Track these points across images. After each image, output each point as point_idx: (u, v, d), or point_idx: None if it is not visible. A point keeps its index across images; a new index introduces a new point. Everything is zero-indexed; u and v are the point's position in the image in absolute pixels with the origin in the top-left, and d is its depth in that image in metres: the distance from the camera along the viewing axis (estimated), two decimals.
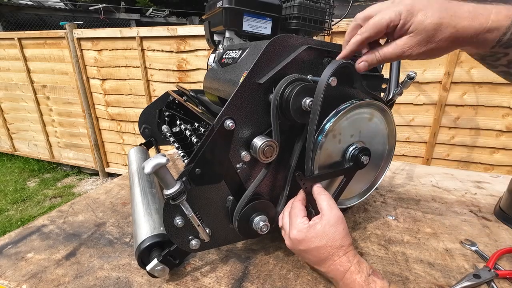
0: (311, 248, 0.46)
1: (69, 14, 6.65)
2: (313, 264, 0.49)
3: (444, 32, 0.38)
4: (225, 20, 0.67)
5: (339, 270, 0.45)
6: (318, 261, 0.47)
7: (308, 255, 0.48)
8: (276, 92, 0.47)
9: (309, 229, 0.47)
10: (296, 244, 0.48)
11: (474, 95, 1.77)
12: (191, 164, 0.47)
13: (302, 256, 0.50)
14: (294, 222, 0.49)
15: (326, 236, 0.46)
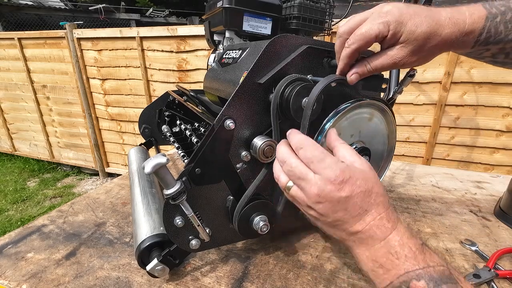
0: (356, 193, 0.34)
1: (69, 14, 6.65)
2: (347, 219, 0.35)
3: (433, 40, 0.39)
4: (225, 20, 0.67)
5: (385, 226, 0.34)
6: (359, 214, 0.35)
7: (347, 205, 0.35)
8: (276, 92, 0.47)
9: (351, 167, 0.36)
10: (337, 190, 0.34)
11: (474, 95, 1.77)
12: (191, 164, 0.47)
13: (333, 209, 0.35)
14: (323, 159, 0.36)
15: (370, 178, 0.36)
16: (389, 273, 0.32)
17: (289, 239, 0.65)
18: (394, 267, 0.32)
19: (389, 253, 0.33)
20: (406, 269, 0.31)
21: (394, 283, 0.32)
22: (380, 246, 0.34)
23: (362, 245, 0.35)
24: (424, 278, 0.30)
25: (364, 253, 0.35)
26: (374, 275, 0.34)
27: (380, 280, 0.33)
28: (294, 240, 0.65)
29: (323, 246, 0.63)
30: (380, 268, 0.33)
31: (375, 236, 0.34)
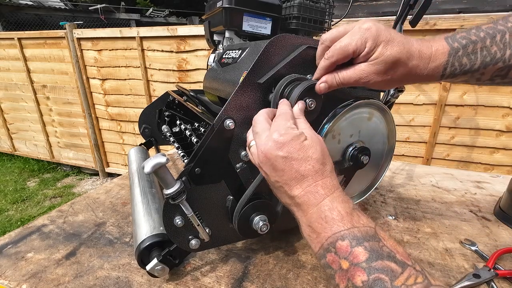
0: (294, 157, 0.37)
1: (69, 14, 6.65)
2: (286, 181, 0.38)
3: (399, 67, 0.41)
4: (225, 20, 0.67)
5: (318, 193, 0.36)
6: (295, 178, 0.37)
7: (286, 166, 0.37)
8: (276, 92, 0.47)
9: (300, 134, 0.39)
10: (277, 148, 0.38)
11: (474, 95, 1.77)
12: (191, 163, 0.47)
13: (273, 167, 0.38)
14: (280, 124, 0.39)
15: (312, 147, 0.38)
16: (320, 237, 0.34)
17: (289, 239, 0.65)
18: (323, 231, 0.34)
19: (320, 218, 0.35)
20: (333, 231, 0.33)
21: (324, 245, 0.34)
22: (313, 212, 0.36)
23: (300, 210, 0.38)
24: (348, 238, 0.32)
25: (302, 219, 0.37)
26: (310, 240, 0.36)
27: (314, 244, 0.35)
28: (294, 240, 0.65)
29: None
30: (314, 233, 0.35)
31: (309, 202, 0.36)
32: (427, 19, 1.70)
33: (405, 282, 0.29)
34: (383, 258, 0.30)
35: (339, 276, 0.32)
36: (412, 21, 0.68)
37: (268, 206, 0.53)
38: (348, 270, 0.31)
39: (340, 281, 0.32)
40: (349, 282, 0.31)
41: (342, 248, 0.32)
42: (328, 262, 0.33)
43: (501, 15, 0.41)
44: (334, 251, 0.33)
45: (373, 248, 0.31)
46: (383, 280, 0.29)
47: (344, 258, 0.32)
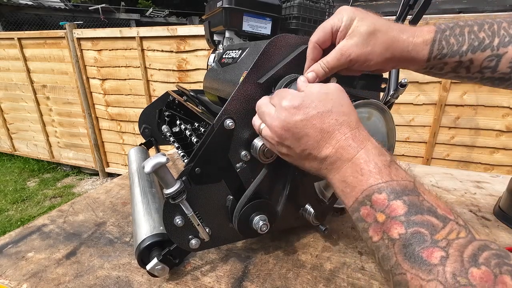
0: (311, 115, 0.35)
1: (69, 14, 6.65)
2: (313, 145, 0.36)
3: (378, 37, 0.41)
4: (225, 20, 0.67)
5: (351, 146, 0.34)
6: (321, 137, 0.35)
7: (308, 129, 0.36)
8: None
9: (306, 94, 0.37)
10: (291, 114, 0.36)
11: (474, 95, 1.77)
12: (191, 163, 0.47)
13: (295, 136, 0.37)
14: (284, 94, 0.39)
15: (330, 99, 0.36)
16: (355, 190, 0.33)
17: (289, 239, 0.65)
18: (358, 184, 0.33)
19: (355, 171, 0.33)
20: (369, 183, 0.32)
21: (358, 198, 0.33)
22: (347, 166, 0.34)
23: (333, 169, 0.36)
24: (385, 191, 0.31)
25: (335, 176, 0.36)
26: (343, 195, 0.35)
27: (348, 199, 0.34)
28: (294, 240, 0.65)
29: (322, 246, 0.63)
30: (348, 187, 0.34)
31: (342, 158, 0.35)
32: (427, 19, 1.70)
33: (446, 237, 0.27)
34: (423, 213, 0.29)
35: (373, 229, 0.31)
36: (412, 21, 0.68)
37: (268, 206, 0.53)
38: (384, 223, 0.30)
39: (374, 234, 0.31)
40: (384, 234, 0.30)
41: (379, 201, 0.31)
42: (362, 215, 0.32)
43: (501, 15, 0.41)
44: (369, 204, 0.31)
45: (412, 202, 0.30)
46: (422, 233, 0.27)
47: (380, 211, 0.30)
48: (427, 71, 0.46)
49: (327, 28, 0.43)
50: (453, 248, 0.26)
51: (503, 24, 0.40)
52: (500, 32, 0.39)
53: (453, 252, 0.26)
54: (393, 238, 0.29)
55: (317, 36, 0.44)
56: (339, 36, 0.43)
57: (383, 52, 0.42)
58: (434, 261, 0.26)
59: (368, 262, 0.58)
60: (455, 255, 0.25)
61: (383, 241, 0.30)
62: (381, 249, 0.30)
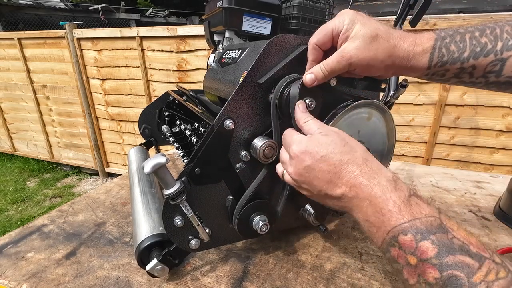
0: (318, 158, 0.37)
1: (69, 14, 6.65)
2: (326, 186, 0.37)
3: (380, 43, 0.41)
4: (225, 20, 0.67)
5: (363, 184, 0.34)
6: (330, 178, 0.36)
7: (316, 172, 0.37)
8: (276, 92, 0.47)
9: (310, 138, 0.39)
10: (300, 162, 0.38)
11: (474, 95, 1.77)
12: (191, 163, 0.47)
13: (307, 181, 0.39)
14: (290, 140, 0.42)
15: (331, 141, 0.38)
16: (380, 231, 0.32)
17: (289, 239, 0.65)
18: (382, 224, 0.32)
19: (375, 211, 0.33)
20: (392, 225, 0.31)
21: (386, 239, 0.32)
22: (366, 205, 0.34)
23: (354, 208, 0.36)
24: (410, 232, 0.30)
25: (359, 216, 0.35)
26: (371, 235, 0.34)
27: (376, 239, 0.33)
28: (294, 240, 0.65)
29: (322, 246, 0.63)
30: (373, 227, 0.33)
31: (358, 196, 0.35)
32: (427, 19, 1.70)
33: (484, 279, 0.25)
34: (455, 252, 0.27)
35: (408, 272, 0.30)
36: (412, 21, 0.68)
37: (268, 206, 0.53)
38: (417, 266, 0.28)
39: (410, 277, 0.29)
40: (420, 278, 0.28)
41: (406, 243, 0.29)
42: (393, 256, 0.31)
43: (501, 15, 0.41)
44: (398, 246, 0.30)
45: (441, 242, 0.28)
46: (458, 277, 0.26)
47: (410, 253, 0.29)
48: (428, 77, 0.45)
49: (327, 30, 0.42)
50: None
51: (506, 28, 0.39)
52: (503, 35, 0.38)
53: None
54: (430, 283, 0.27)
55: (316, 38, 0.44)
56: (341, 39, 0.42)
57: (385, 59, 0.42)
58: None
59: (368, 263, 0.58)
60: None
61: (420, 285, 0.28)
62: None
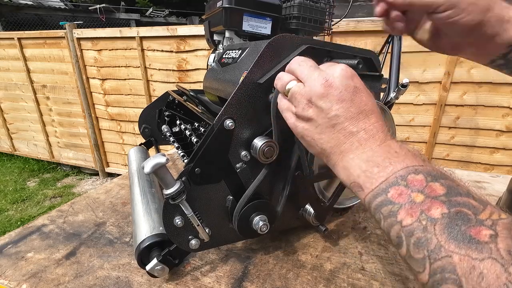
0: (363, 90, 0.35)
1: (69, 14, 6.65)
2: (352, 114, 0.34)
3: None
4: (225, 20, 0.67)
5: (385, 131, 0.34)
6: (363, 111, 0.34)
7: (355, 97, 0.34)
8: (276, 92, 0.47)
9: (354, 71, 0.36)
10: (345, 76, 0.35)
11: (474, 95, 1.77)
12: (191, 163, 0.47)
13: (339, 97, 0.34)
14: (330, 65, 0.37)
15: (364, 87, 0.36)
16: (385, 171, 0.31)
17: (289, 239, 0.65)
18: (392, 164, 0.31)
19: (388, 152, 0.32)
20: (405, 164, 0.30)
21: (389, 179, 0.30)
22: (380, 147, 0.33)
23: (360, 147, 0.33)
24: (422, 173, 0.29)
25: (360, 156, 0.33)
26: (365, 177, 0.32)
27: (372, 180, 0.31)
28: (294, 240, 0.65)
29: (323, 246, 0.63)
30: (376, 167, 0.32)
31: (376, 136, 0.33)
32: None
33: (490, 217, 0.25)
34: (462, 195, 0.27)
35: (406, 211, 0.28)
36: None
37: (268, 206, 0.53)
38: (423, 203, 0.28)
39: (407, 216, 0.28)
40: (422, 215, 0.27)
41: (416, 181, 0.29)
42: (390, 197, 0.30)
43: None
44: (404, 184, 0.29)
45: (450, 186, 0.28)
46: (466, 213, 0.26)
47: (417, 191, 0.28)
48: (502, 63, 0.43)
49: None
50: (500, 227, 0.24)
51: None
52: None
53: (501, 230, 0.24)
54: (434, 218, 0.26)
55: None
56: None
57: (482, 11, 0.38)
58: (484, 239, 0.24)
59: (368, 263, 0.58)
60: (504, 233, 0.24)
61: (419, 222, 0.27)
62: (416, 233, 0.27)
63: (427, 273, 0.26)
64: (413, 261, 0.27)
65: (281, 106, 0.41)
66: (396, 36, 0.68)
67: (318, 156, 0.38)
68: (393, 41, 0.69)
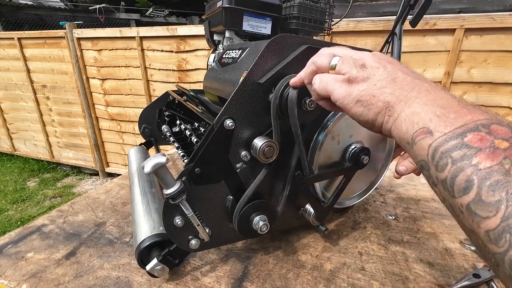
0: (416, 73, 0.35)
1: (69, 14, 6.65)
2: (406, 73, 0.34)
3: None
4: (225, 20, 0.67)
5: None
6: (416, 77, 0.34)
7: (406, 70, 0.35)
8: (276, 92, 0.47)
9: None
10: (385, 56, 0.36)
11: (474, 95, 1.77)
12: (191, 163, 0.47)
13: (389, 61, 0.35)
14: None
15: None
16: (464, 118, 0.28)
17: (289, 239, 0.65)
18: (472, 113, 0.28)
19: (464, 104, 0.30)
20: (487, 116, 0.28)
21: (468, 124, 0.28)
22: (452, 98, 0.31)
23: (429, 94, 0.31)
24: (506, 126, 0.27)
25: (433, 102, 0.31)
26: (438, 120, 0.29)
27: (447, 123, 0.29)
28: (294, 240, 0.65)
29: (323, 246, 0.63)
30: (453, 113, 0.29)
31: (443, 90, 0.32)
32: (427, 19, 1.70)
33: None
34: None
35: (486, 154, 0.26)
36: (412, 21, 0.68)
37: (268, 206, 0.53)
38: (507, 149, 0.25)
39: (486, 159, 0.26)
40: (505, 159, 0.25)
41: (500, 131, 0.27)
42: (467, 141, 0.27)
43: (501, 15, 0.40)
44: (486, 131, 0.27)
45: None
46: None
47: (502, 138, 0.26)
48: None
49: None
50: None
51: None
52: None
53: None
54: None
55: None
56: None
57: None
58: None
59: (368, 263, 0.58)
60: None
61: (501, 166, 0.25)
62: (494, 176, 0.25)
63: (499, 217, 0.24)
64: (482, 205, 0.25)
65: (325, 80, 0.39)
66: (396, 36, 0.68)
67: (378, 117, 0.35)
68: (393, 41, 0.69)
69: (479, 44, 1.68)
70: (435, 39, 1.75)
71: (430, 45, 1.76)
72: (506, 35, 1.61)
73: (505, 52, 1.64)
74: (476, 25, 1.64)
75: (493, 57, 1.68)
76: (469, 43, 1.70)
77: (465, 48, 1.71)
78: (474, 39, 1.68)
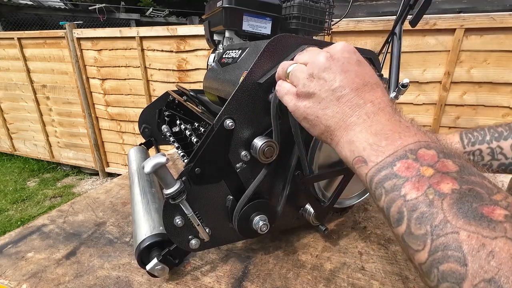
0: (366, 64, 0.35)
1: (69, 14, 6.65)
2: (358, 85, 0.33)
3: None
4: (225, 20, 0.67)
5: (393, 106, 0.33)
6: (369, 83, 0.33)
7: (358, 69, 0.34)
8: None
9: None
10: (347, 50, 0.34)
11: (474, 95, 1.77)
12: (191, 163, 0.47)
13: (342, 68, 0.34)
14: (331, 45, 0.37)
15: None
16: (394, 144, 0.29)
17: (289, 239, 0.65)
18: (402, 137, 0.29)
19: (399, 126, 0.30)
20: (416, 139, 0.28)
21: (397, 152, 0.28)
22: (389, 120, 0.31)
23: (367, 120, 0.31)
24: (434, 149, 0.27)
25: (368, 129, 0.31)
26: (371, 150, 0.30)
27: (378, 153, 0.29)
28: (294, 240, 0.65)
29: (323, 246, 0.63)
30: (384, 140, 0.29)
31: (385, 110, 0.32)
32: (427, 19, 1.70)
33: (505, 199, 0.23)
34: (475, 175, 0.25)
35: (412, 184, 0.26)
36: (412, 21, 0.68)
37: (268, 206, 0.53)
38: (432, 177, 0.26)
39: (413, 189, 0.26)
40: (429, 189, 0.25)
41: (427, 156, 0.27)
42: (396, 170, 0.27)
43: (501, 15, 0.40)
44: (413, 158, 0.27)
45: (463, 165, 0.26)
46: (479, 192, 0.24)
47: (428, 165, 0.26)
48: None
49: None
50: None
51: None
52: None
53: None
54: (443, 193, 0.24)
55: None
56: None
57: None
58: (498, 218, 0.22)
59: (368, 263, 0.58)
60: None
61: (425, 196, 0.25)
62: (420, 207, 0.25)
63: (426, 251, 0.24)
64: (412, 238, 0.25)
65: (281, 91, 0.39)
66: (396, 35, 0.68)
67: (322, 137, 0.36)
68: (393, 41, 0.69)
69: (479, 44, 1.68)
70: (435, 39, 1.75)
71: (430, 45, 1.76)
72: (506, 35, 1.61)
73: (505, 52, 1.65)
74: (476, 25, 1.64)
75: (493, 57, 1.68)
76: (469, 43, 1.70)
77: (465, 48, 1.71)
78: (474, 39, 1.68)
